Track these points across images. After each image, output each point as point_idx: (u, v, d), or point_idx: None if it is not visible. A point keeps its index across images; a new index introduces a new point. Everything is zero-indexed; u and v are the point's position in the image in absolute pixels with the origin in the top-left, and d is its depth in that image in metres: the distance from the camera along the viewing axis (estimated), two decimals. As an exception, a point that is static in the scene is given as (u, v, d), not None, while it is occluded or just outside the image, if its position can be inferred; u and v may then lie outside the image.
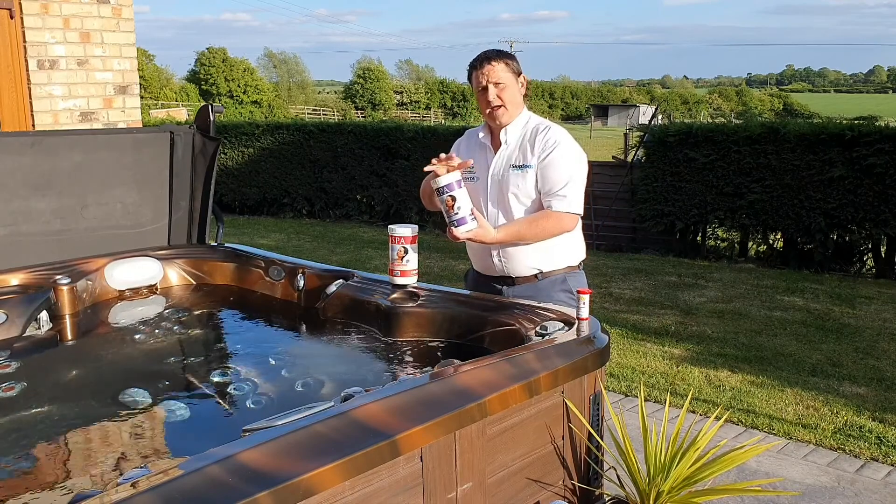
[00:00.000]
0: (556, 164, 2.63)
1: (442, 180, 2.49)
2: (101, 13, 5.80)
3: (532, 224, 2.64)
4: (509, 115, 2.70)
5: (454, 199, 2.51)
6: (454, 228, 2.53)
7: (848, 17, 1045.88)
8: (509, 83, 2.67)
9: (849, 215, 7.37)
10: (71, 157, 3.31)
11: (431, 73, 77.00)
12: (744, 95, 73.17)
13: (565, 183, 2.62)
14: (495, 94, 2.67)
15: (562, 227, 2.65)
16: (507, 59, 2.69)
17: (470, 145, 2.90)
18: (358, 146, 10.66)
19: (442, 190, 2.51)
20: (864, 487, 3.26)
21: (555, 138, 2.66)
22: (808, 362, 4.84)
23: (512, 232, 2.62)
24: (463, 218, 2.52)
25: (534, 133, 2.71)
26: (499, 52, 2.73)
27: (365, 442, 1.56)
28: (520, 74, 2.71)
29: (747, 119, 10.90)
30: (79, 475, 1.88)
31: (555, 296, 2.70)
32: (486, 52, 2.72)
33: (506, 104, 2.68)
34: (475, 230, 2.54)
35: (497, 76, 2.66)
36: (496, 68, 2.66)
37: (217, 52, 55.06)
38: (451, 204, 2.51)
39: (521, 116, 2.75)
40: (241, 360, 2.68)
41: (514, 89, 2.70)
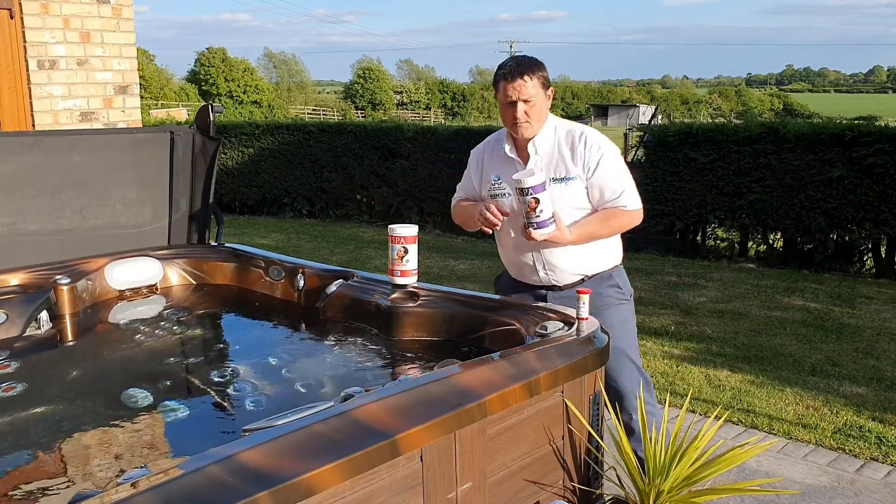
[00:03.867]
0: (609, 171, 2.60)
1: (530, 181, 2.41)
2: (101, 13, 5.80)
3: (605, 223, 2.62)
4: (533, 130, 2.61)
5: (538, 201, 2.43)
6: (534, 230, 2.48)
7: (847, 17, 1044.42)
8: (539, 99, 2.58)
9: (849, 215, 7.37)
10: (71, 157, 3.31)
11: (431, 73, 77.00)
12: (743, 95, 73.16)
13: (624, 185, 2.61)
14: (524, 110, 2.57)
15: (632, 223, 2.66)
16: (539, 74, 2.57)
17: (494, 159, 2.79)
18: (358, 146, 10.66)
19: (527, 191, 2.43)
20: (863, 487, 3.26)
21: (596, 145, 2.60)
22: (807, 362, 4.84)
23: (586, 232, 2.60)
24: (545, 221, 2.46)
25: (569, 141, 2.63)
26: (531, 65, 2.58)
27: (365, 442, 1.56)
28: (549, 87, 2.62)
29: (747, 119, 10.92)
30: (79, 475, 1.88)
31: (603, 292, 2.70)
32: (519, 65, 2.56)
33: (532, 120, 2.59)
34: (553, 232, 2.50)
35: (528, 93, 2.55)
36: (528, 85, 2.54)
37: (217, 52, 55.05)
38: (535, 206, 2.43)
39: (548, 125, 2.66)
40: (241, 360, 2.68)
41: (543, 103, 2.61)
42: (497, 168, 2.74)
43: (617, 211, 2.62)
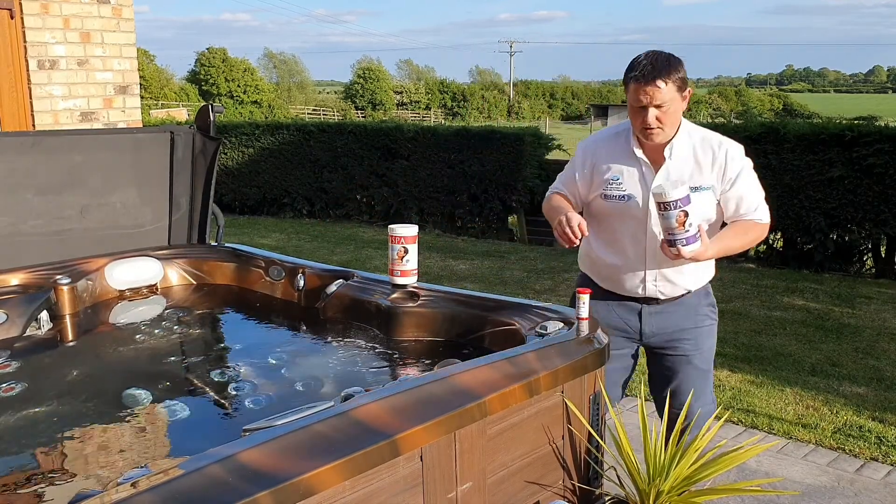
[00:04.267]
0: (749, 184, 2.43)
1: (675, 193, 2.15)
2: (102, 13, 5.80)
3: (741, 237, 2.44)
4: (665, 136, 2.38)
5: (687, 214, 2.17)
6: (683, 248, 2.22)
7: (847, 17, 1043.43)
8: (673, 104, 2.32)
9: (848, 215, 7.37)
10: (71, 157, 3.31)
11: (431, 73, 77.01)
12: (743, 95, 73.15)
13: (760, 198, 2.46)
14: (655, 116, 2.32)
15: (763, 237, 2.52)
16: (676, 77, 2.30)
17: (614, 153, 2.51)
18: (358, 146, 10.66)
19: (674, 204, 2.16)
20: (863, 487, 3.26)
21: (738, 156, 2.43)
22: (807, 362, 4.84)
23: (723, 247, 2.39)
24: (693, 236, 2.21)
25: (707, 149, 2.43)
26: (668, 66, 2.29)
27: (365, 442, 1.56)
28: (685, 89, 2.36)
29: (747, 119, 10.91)
30: (79, 475, 1.88)
31: (701, 310, 2.57)
32: (655, 66, 2.28)
33: (665, 126, 2.35)
34: (696, 250, 2.25)
35: (662, 98, 2.29)
36: (662, 90, 2.28)
37: (217, 53, 55.07)
38: (684, 220, 2.17)
39: (683, 129, 2.43)
40: (241, 360, 2.68)
41: (677, 108, 2.36)
42: (617, 166, 2.48)
43: (752, 224, 2.44)
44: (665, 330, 2.56)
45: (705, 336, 2.57)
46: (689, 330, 2.56)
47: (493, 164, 9.75)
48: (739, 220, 2.44)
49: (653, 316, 2.55)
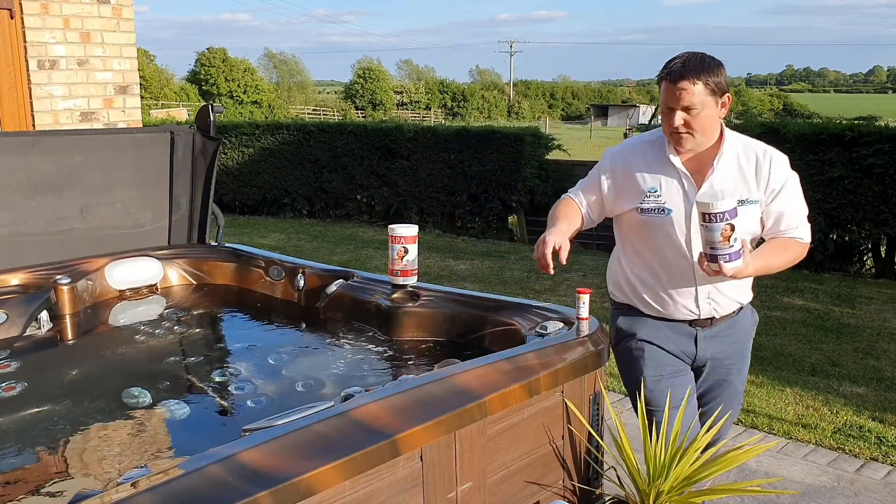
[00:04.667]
0: (794, 198, 2.26)
1: (722, 205, 1.98)
2: (102, 13, 5.80)
3: (781, 255, 2.24)
4: (694, 143, 2.20)
5: (734, 228, 2.01)
6: (725, 264, 2.04)
7: (847, 17, 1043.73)
8: (706, 107, 2.14)
9: (849, 215, 7.37)
10: (71, 157, 3.31)
11: (431, 73, 77.02)
12: (743, 95, 73.14)
13: (804, 213, 2.28)
14: (682, 119, 2.15)
15: (802, 257, 2.30)
16: (709, 78, 2.12)
17: (650, 162, 2.30)
18: (358, 146, 10.66)
19: (720, 216, 1.99)
20: (863, 487, 3.26)
21: (783, 167, 2.25)
22: (807, 362, 4.84)
23: (763, 265, 2.18)
24: (737, 251, 2.03)
25: (751, 158, 2.25)
26: (702, 66, 2.13)
27: (365, 442, 1.56)
28: (724, 93, 2.17)
29: (747, 119, 10.89)
30: (79, 475, 1.89)
31: (747, 328, 2.44)
32: (686, 65, 2.12)
33: (694, 131, 2.17)
34: (738, 267, 2.07)
35: (691, 100, 2.12)
36: (692, 91, 2.11)
37: (217, 53, 55.07)
38: (730, 235, 2.00)
39: (728, 139, 2.25)
40: (241, 360, 2.68)
41: (711, 113, 2.16)
42: (654, 177, 2.28)
43: (792, 242, 2.25)
44: (721, 354, 2.39)
45: (747, 356, 2.46)
46: (741, 353, 2.43)
47: (493, 164, 9.75)
48: (778, 237, 2.26)
49: (709, 340, 2.35)
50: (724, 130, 2.24)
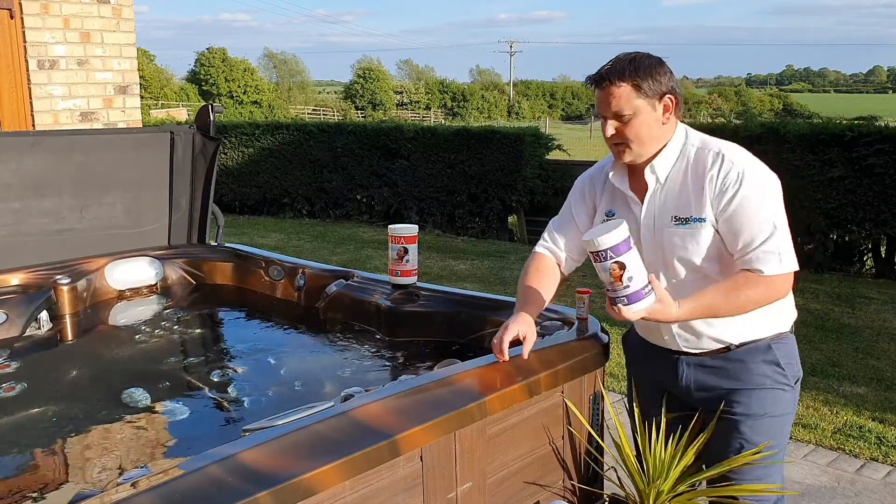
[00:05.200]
0: (749, 208, 1.83)
1: (605, 240, 1.73)
2: (101, 13, 5.80)
3: (730, 295, 1.83)
4: (634, 155, 1.91)
5: (623, 266, 1.74)
6: (623, 307, 1.78)
7: (846, 17, 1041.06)
8: (639, 112, 1.85)
9: (849, 215, 7.37)
10: (71, 157, 3.31)
11: (431, 73, 77.03)
12: (743, 95, 73.14)
13: (769, 233, 1.83)
14: (613, 128, 1.88)
15: (774, 295, 1.86)
16: (638, 78, 1.84)
17: (603, 188, 2.07)
18: (358, 146, 10.66)
19: (603, 255, 1.74)
20: (863, 487, 3.26)
21: (736, 170, 1.85)
22: (807, 362, 4.84)
23: (701, 307, 1.84)
24: (638, 291, 1.76)
25: (700, 166, 1.89)
26: (629, 66, 1.85)
27: (365, 442, 1.56)
28: (662, 95, 1.86)
29: (747, 119, 10.90)
30: (79, 475, 1.89)
31: (756, 368, 1.95)
32: (615, 65, 1.86)
33: (629, 141, 1.89)
34: (651, 309, 1.79)
35: (619, 104, 1.85)
36: (617, 94, 1.84)
37: (217, 53, 55.09)
38: (619, 274, 1.74)
39: (672, 146, 1.93)
40: (241, 360, 2.68)
41: (647, 119, 1.86)
42: (608, 200, 2.05)
43: (749, 278, 1.83)
44: (706, 385, 2.03)
45: (763, 401, 1.96)
46: (739, 391, 1.98)
47: (493, 164, 9.75)
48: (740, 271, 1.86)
49: (692, 368, 2.02)
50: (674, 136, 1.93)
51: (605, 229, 1.77)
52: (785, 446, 2.04)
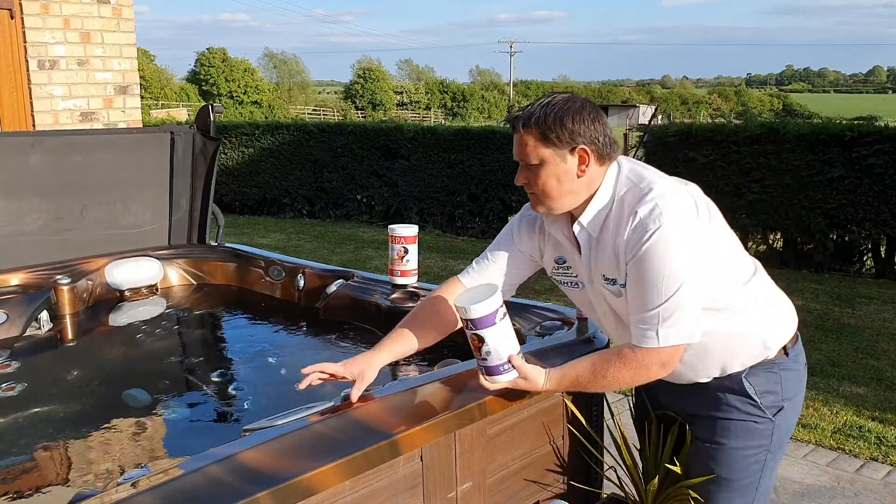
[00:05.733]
0: (649, 267, 1.62)
1: (473, 310, 1.68)
2: (102, 13, 5.81)
3: (597, 373, 1.73)
4: (546, 208, 1.76)
5: (482, 340, 1.71)
6: (483, 377, 1.76)
7: (846, 17, 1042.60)
8: (547, 163, 1.69)
9: (848, 215, 7.37)
10: (71, 157, 3.31)
11: (431, 73, 77.03)
12: (743, 95, 73.19)
13: (665, 297, 1.61)
14: (522, 176, 1.75)
15: (645, 374, 1.69)
16: (544, 126, 1.67)
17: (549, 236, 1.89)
18: (358, 146, 10.66)
19: (468, 324, 1.71)
20: (863, 487, 3.26)
21: (649, 226, 1.61)
22: (807, 362, 4.84)
23: (568, 381, 1.77)
24: (497, 367, 1.74)
25: (619, 225, 1.68)
26: (542, 111, 1.69)
27: (365, 442, 1.56)
28: (575, 146, 1.67)
29: (747, 119, 10.91)
30: (79, 475, 1.89)
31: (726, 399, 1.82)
32: (528, 112, 1.71)
33: (536, 192, 1.73)
34: (514, 382, 1.76)
35: (524, 152, 1.71)
36: (524, 140, 1.70)
37: (217, 53, 55.11)
38: (478, 346, 1.72)
39: (599, 198, 1.72)
40: (241, 360, 2.68)
41: (558, 171, 1.69)
42: (553, 246, 1.89)
43: (623, 355, 1.70)
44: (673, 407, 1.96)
45: (726, 431, 1.82)
46: (703, 417, 1.87)
47: (493, 164, 9.75)
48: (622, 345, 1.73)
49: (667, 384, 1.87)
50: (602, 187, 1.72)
51: (479, 297, 1.70)
52: (760, 480, 1.86)
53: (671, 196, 1.65)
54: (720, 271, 1.72)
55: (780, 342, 1.83)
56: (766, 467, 1.85)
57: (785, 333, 1.86)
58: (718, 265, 1.71)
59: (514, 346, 1.75)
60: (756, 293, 1.81)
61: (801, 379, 1.90)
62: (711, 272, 1.68)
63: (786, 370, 1.84)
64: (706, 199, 1.76)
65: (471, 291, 1.79)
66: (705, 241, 1.66)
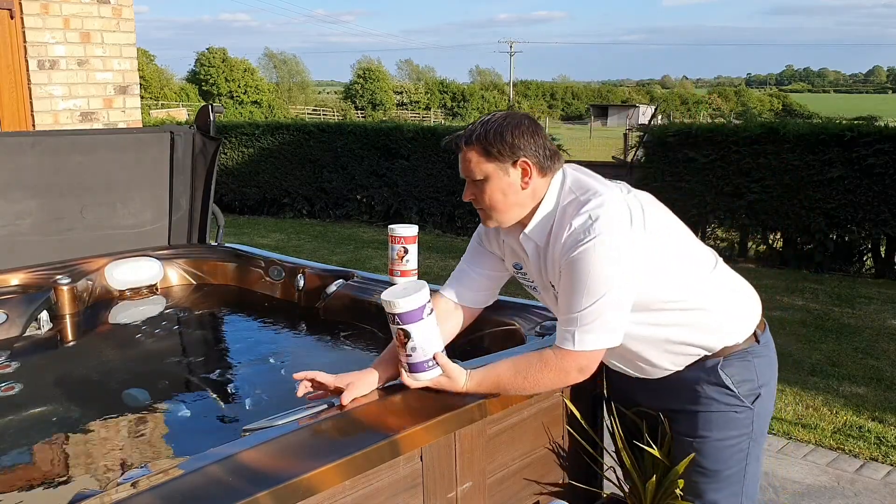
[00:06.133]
0: (576, 275, 1.67)
1: (399, 305, 1.66)
2: (102, 13, 5.80)
3: (520, 371, 1.75)
4: (498, 221, 1.81)
5: (408, 335, 1.69)
6: (405, 374, 1.76)
7: (846, 17, 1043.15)
8: (491, 177, 1.74)
9: (848, 215, 7.37)
10: (71, 157, 3.31)
11: (431, 73, 77.05)
12: (743, 95, 73.20)
13: (586, 304, 1.65)
14: (469, 192, 1.80)
15: (564, 378, 1.74)
16: (485, 142, 1.73)
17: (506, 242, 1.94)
18: (358, 146, 10.66)
19: (392, 318, 1.69)
20: (863, 487, 3.26)
21: (580, 237, 1.66)
22: (807, 362, 4.84)
23: (489, 383, 1.76)
24: (421, 363, 1.72)
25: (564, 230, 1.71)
26: (483, 128, 1.75)
27: (365, 442, 1.56)
28: (517, 160, 1.72)
29: (747, 119, 10.91)
30: (79, 475, 1.89)
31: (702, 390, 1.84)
32: (471, 129, 1.78)
33: (487, 208, 1.78)
34: (436, 380, 1.75)
35: (469, 169, 1.77)
36: (467, 157, 1.76)
37: (217, 53, 55.10)
38: (403, 341, 1.70)
39: (543, 208, 1.78)
40: (241, 360, 2.68)
41: (502, 185, 1.74)
42: (511, 253, 1.93)
43: (544, 357, 1.73)
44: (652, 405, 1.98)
45: (708, 424, 1.85)
46: (683, 412, 1.89)
47: (493, 164, 9.76)
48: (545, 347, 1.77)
49: (639, 382, 1.95)
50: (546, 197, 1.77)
51: (406, 292, 1.69)
52: (746, 468, 1.89)
53: (606, 207, 1.68)
54: (673, 269, 1.78)
55: (747, 330, 1.87)
56: (749, 455, 1.89)
57: (751, 321, 1.90)
58: (669, 264, 1.76)
59: (439, 344, 1.75)
60: (718, 286, 1.86)
61: (773, 364, 1.95)
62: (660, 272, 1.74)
63: (758, 357, 1.88)
64: (653, 205, 1.80)
65: (399, 286, 1.77)
66: (641, 250, 1.69)
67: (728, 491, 1.89)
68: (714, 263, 1.88)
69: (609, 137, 34.72)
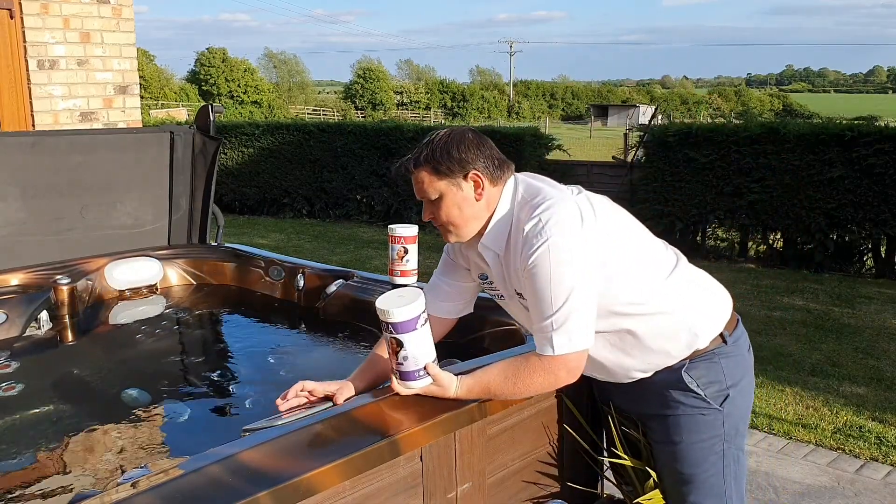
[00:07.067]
0: (537, 281, 1.68)
1: (395, 314, 1.66)
2: (101, 13, 5.80)
3: (507, 381, 1.74)
4: (459, 236, 1.83)
5: (401, 344, 1.69)
6: (395, 382, 1.75)
7: (846, 17, 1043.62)
8: (446, 194, 1.77)
9: (848, 215, 7.37)
10: (71, 157, 3.31)
11: (431, 73, 77.05)
12: (743, 95, 73.17)
13: (555, 308, 1.66)
14: (428, 213, 1.82)
15: (554, 380, 1.72)
16: (433, 161, 1.76)
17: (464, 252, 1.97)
18: (358, 146, 10.67)
19: (386, 326, 1.69)
20: (863, 487, 3.26)
21: (533, 242, 1.68)
22: (807, 362, 4.84)
23: (479, 389, 1.76)
24: (412, 372, 1.72)
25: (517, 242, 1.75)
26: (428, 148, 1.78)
27: (365, 442, 1.56)
28: (467, 173, 1.75)
29: (747, 119, 10.90)
30: (79, 475, 1.89)
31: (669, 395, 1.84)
32: (417, 151, 1.80)
33: (446, 224, 1.81)
34: (427, 388, 1.75)
35: (423, 189, 1.79)
36: (419, 178, 1.79)
37: (217, 53, 55.09)
38: (396, 350, 1.71)
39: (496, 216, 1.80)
40: (241, 360, 2.68)
41: (458, 199, 1.77)
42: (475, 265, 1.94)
43: (530, 361, 1.72)
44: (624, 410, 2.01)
45: (677, 428, 1.85)
46: (653, 417, 1.91)
47: (493, 164, 9.76)
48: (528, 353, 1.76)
49: (615, 386, 1.96)
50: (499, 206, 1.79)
51: (402, 301, 1.69)
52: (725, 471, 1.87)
53: (555, 209, 1.70)
54: (633, 272, 1.78)
55: (713, 331, 1.85)
56: (725, 456, 1.87)
57: (718, 321, 1.87)
58: (629, 267, 1.77)
59: (431, 354, 1.75)
60: (680, 285, 1.84)
61: (745, 362, 1.92)
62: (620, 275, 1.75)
63: (726, 357, 1.86)
64: (607, 206, 1.81)
65: (395, 294, 1.75)
66: (594, 247, 1.70)
67: (710, 493, 1.88)
68: (675, 263, 1.86)
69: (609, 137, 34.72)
